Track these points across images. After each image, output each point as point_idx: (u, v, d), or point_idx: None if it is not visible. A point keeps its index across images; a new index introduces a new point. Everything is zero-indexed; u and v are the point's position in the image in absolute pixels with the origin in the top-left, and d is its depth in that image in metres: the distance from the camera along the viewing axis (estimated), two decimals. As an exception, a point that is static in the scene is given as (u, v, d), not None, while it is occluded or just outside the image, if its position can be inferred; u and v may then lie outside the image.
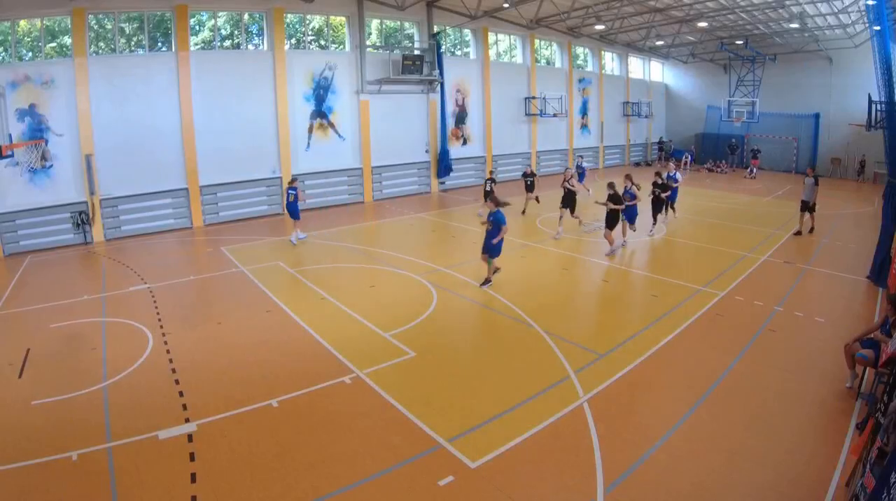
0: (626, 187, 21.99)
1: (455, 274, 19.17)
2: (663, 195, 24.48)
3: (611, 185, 21.18)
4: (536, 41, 44.65)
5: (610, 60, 52.46)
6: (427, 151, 38.20)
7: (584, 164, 31.87)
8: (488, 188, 27.38)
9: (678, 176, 26.85)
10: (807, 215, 24.58)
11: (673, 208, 26.85)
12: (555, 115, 44.18)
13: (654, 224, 24.99)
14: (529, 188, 29.52)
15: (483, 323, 15.52)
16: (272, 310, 16.13)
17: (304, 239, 24.52)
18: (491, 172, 26.32)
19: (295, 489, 8.42)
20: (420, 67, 35.41)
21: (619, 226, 21.82)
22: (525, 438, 9.53)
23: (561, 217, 24.69)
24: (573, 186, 24.84)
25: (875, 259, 18.54)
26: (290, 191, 24.20)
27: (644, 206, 23.70)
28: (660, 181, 24.37)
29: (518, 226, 26.31)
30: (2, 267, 22.96)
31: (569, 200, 24.60)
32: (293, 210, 24.18)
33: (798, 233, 24.41)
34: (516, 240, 23.12)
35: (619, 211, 21.15)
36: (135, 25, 28.66)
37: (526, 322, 14.80)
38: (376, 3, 34.37)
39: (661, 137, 54.11)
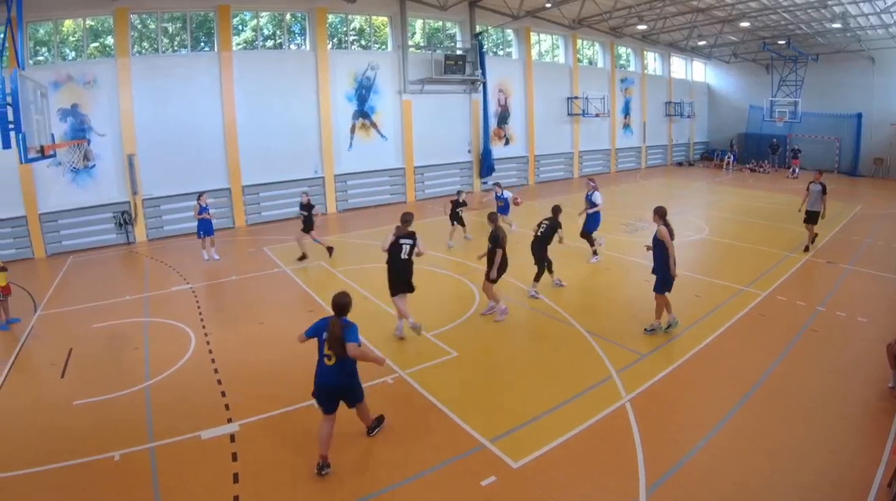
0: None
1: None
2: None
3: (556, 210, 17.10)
4: (579, 41, 43.08)
5: (652, 60, 50.65)
6: (469, 151, 37.08)
7: (506, 194, 24.01)
8: (459, 204, 22.94)
9: (597, 197, 20.54)
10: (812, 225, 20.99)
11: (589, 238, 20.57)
12: (597, 115, 42.63)
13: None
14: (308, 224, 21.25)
15: (525, 323, 14.87)
16: (314, 310, 15.56)
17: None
18: (458, 192, 23.62)
19: (338, 489, 8.22)
20: (462, 67, 34.27)
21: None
22: (567, 438, 9.26)
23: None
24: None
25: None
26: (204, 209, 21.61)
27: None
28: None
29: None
30: (44, 267, 22.45)
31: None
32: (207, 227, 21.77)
33: (807, 249, 20.62)
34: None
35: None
36: (177, 25, 27.80)
37: (568, 321, 14.38)
38: (419, 4, 33.32)
39: (773, 139, 49.53)
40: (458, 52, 35.12)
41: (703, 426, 9.53)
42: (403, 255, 12.95)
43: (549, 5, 35.12)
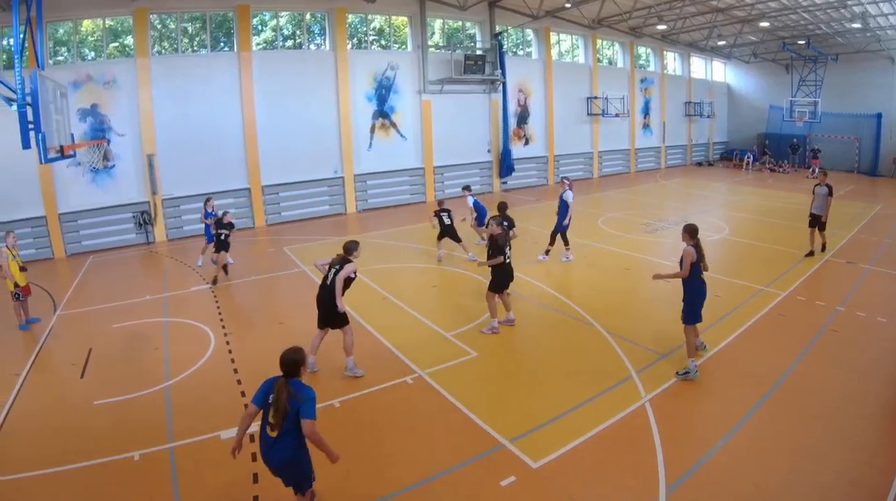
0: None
1: (517, 274, 17.42)
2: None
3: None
4: (598, 41, 42.52)
5: (672, 60, 49.94)
6: (489, 151, 36.65)
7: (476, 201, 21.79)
8: (447, 221, 20.22)
9: (569, 196, 19.59)
10: (817, 230, 19.79)
11: (564, 240, 20.02)
12: (617, 115, 41.93)
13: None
14: (222, 245, 18.90)
15: (545, 323, 14.65)
16: None
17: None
18: (440, 202, 21.27)
19: (357, 489, 8.16)
20: (482, 67, 33.85)
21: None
22: (587, 438, 9.16)
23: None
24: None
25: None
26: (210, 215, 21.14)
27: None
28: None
29: (580, 226, 24.80)
30: (64, 267, 22.28)
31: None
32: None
33: (811, 253, 19.60)
34: (578, 240, 22.02)
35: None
36: (197, 25, 27.49)
37: (588, 321, 14.23)
38: (438, 3, 32.89)
39: (793, 139, 48.62)
40: (478, 52, 34.70)
41: (722, 426, 9.43)
42: (328, 281, 11.36)
43: (568, 5, 34.70)
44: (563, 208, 19.41)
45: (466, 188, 22.12)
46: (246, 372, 12.03)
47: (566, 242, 19.80)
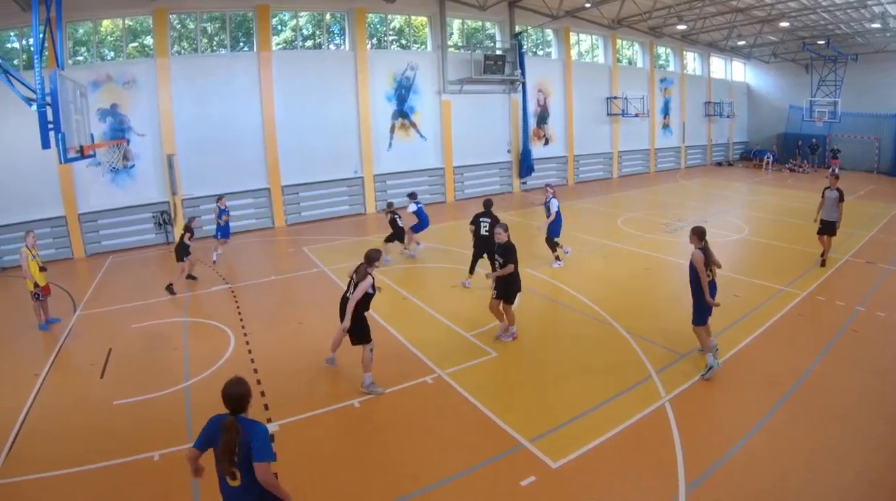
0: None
1: (536, 274, 18.03)
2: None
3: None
4: (618, 41, 42.01)
5: (692, 60, 49.30)
6: (509, 151, 36.16)
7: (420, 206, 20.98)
8: (398, 222, 20.00)
9: (554, 204, 19.09)
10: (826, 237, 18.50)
11: (557, 245, 19.59)
12: (636, 115, 41.47)
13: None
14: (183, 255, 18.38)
15: (564, 323, 14.71)
16: None
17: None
18: (390, 204, 20.93)
19: (376, 489, 8.12)
20: (502, 67, 33.45)
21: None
22: (607, 438, 9.11)
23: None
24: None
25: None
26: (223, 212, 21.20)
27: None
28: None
29: (600, 226, 25.59)
30: (84, 267, 22.12)
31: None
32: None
33: (824, 263, 18.34)
34: (598, 239, 22.51)
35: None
36: (216, 25, 27.24)
37: (607, 321, 14.15)
38: (458, 3, 32.47)
39: (812, 139, 48.01)
40: (498, 52, 34.31)
41: (742, 426, 9.37)
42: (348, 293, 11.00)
43: (588, 5, 34.35)
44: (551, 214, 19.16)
45: (411, 195, 21.15)
46: (266, 371, 11.93)
47: (553, 247, 19.39)
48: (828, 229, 18.23)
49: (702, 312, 11.26)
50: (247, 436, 5.58)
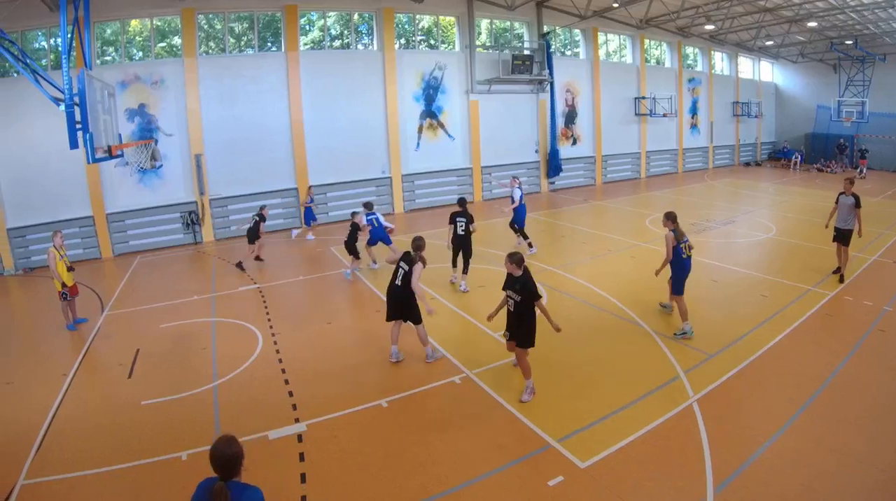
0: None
1: (565, 274, 18.12)
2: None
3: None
4: (646, 41, 41.40)
5: (720, 60, 48.55)
6: (537, 151, 35.68)
7: (377, 218, 19.39)
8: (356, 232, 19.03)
9: (517, 193, 19.90)
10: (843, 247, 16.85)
11: (524, 236, 20.28)
12: (664, 116, 40.86)
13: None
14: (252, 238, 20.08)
15: (593, 323, 14.34)
16: (381, 310, 14.71)
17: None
18: (353, 213, 19.73)
19: (404, 489, 8.02)
20: (530, 67, 32.91)
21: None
22: (635, 438, 8.99)
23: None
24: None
25: None
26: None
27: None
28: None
29: (628, 226, 25.36)
30: (111, 267, 21.97)
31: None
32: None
33: (838, 271, 16.86)
34: (626, 239, 22.34)
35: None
36: (244, 25, 26.97)
37: (635, 321, 14.03)
38: (486, 3, 32.03)
39: (840, 140, 47.45)
40: (526, 52, 33.76)
41: (770, 426, 9.23)
42: (398, 281, 11.52)
43: (616, 5, 33.85)
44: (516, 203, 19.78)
45: (367, 205, 19.43)
46: (294, 371, 11.85)
47: (524, 236, 20.24)
48: (842, 237, 16.67)
49: (679, 283, 12.98)
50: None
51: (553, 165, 35.69)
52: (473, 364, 11.79)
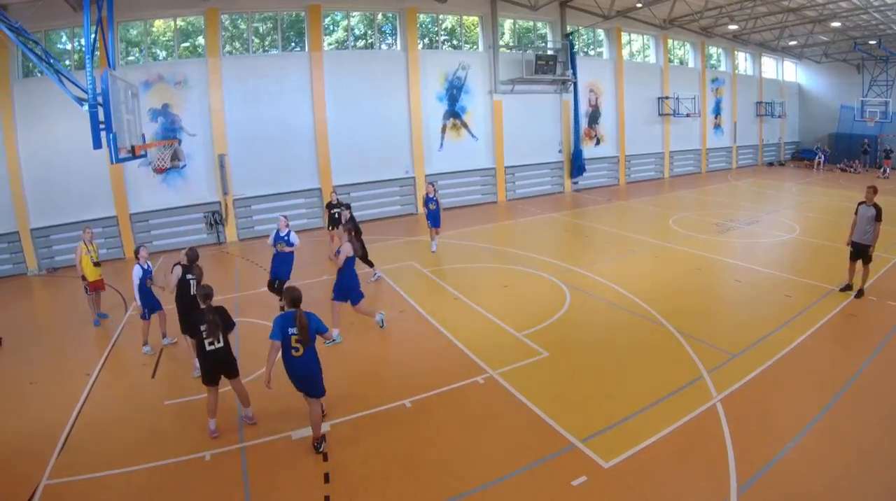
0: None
1: (588, 274, 17.91)
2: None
3: None
4: (669, 41, 40.69)
5: (743, 60, 47.76)
6: (560, 151, 35.02)
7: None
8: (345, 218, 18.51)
9: (433, 200, 20.40)
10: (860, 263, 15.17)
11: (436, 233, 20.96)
12: (688, 115, 40.15)
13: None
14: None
15: (616, 323, 14.27)
16: (405, 310, 15.40)
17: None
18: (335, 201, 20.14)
19: (427, 489, 8.03)
20: (553, 67, 32.31)
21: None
22: (658, 438, 8.95)
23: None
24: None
25: None
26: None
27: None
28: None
29: (652, 226, 25.15)
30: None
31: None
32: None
33: (848, 287, 15.27)
34: (649, 239, 22.16)
35: None
36: (268, 25, 26.61)
37: (659, 321, 13.84)
38: (509, 3, 31.51)
39: (864, 140, 46.47)
40: (549, 52, 33.14)
41: (793, 426, 9.19)
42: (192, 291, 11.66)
43: (639, 5, 33.34)
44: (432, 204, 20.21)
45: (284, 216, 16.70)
46: None
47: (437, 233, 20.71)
48: (861, 254, 14.91)
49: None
50: (311, 320, 8.60)
51: (576, 165, 35.10)
52: (497, 364, 11.69)
